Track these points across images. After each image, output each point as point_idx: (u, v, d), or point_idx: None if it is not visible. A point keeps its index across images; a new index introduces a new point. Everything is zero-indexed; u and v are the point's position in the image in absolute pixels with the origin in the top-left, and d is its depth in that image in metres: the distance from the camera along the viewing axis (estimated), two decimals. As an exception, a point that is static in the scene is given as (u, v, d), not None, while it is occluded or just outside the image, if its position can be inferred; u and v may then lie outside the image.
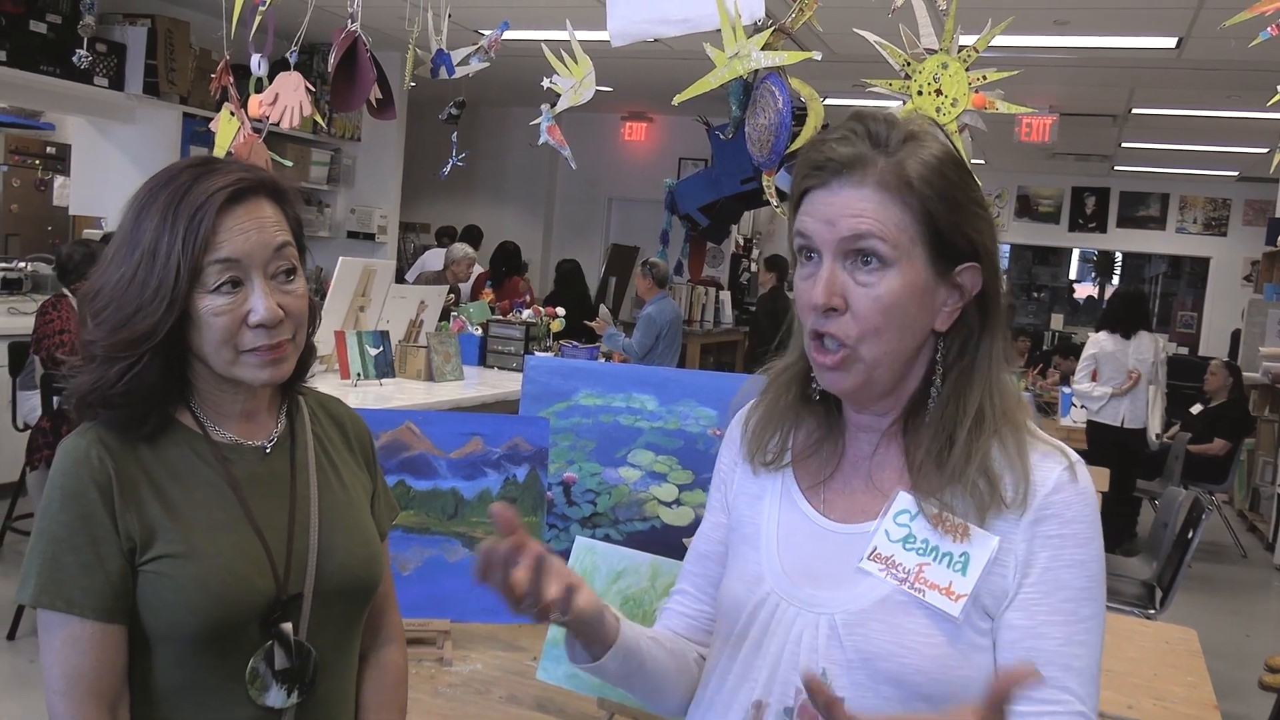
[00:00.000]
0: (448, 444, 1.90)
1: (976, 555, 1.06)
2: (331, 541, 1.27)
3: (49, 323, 4.20)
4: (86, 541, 1.14)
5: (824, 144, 1.10)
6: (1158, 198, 11.67)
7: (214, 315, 1.17)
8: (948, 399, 1.10)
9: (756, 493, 1.22)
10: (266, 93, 2.93)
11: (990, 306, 1.12)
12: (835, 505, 1.16)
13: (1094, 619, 1.06)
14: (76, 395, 1.19)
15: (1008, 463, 1.07)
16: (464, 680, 1.73)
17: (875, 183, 1.07)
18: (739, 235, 10.37)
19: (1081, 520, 1.07)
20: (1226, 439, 7.16)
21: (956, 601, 1.05)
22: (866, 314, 1.07)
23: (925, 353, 1.12)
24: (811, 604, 1.11)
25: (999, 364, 1.12)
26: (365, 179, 8.39)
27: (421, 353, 4.86)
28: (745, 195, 5.14)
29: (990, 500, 1.06)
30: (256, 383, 1.21)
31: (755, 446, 1.22)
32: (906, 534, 1.09)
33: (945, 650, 1.05)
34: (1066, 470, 1.08)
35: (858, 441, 1.17)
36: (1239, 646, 5.15)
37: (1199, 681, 2.00)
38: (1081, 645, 1.05)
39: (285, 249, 1.21)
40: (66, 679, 1.14)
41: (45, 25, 5.86)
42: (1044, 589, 1.05)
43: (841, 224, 1.07)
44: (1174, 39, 5.82)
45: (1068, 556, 1.06)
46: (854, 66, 2.79)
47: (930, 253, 1.08)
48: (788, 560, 1.15)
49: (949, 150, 1.11)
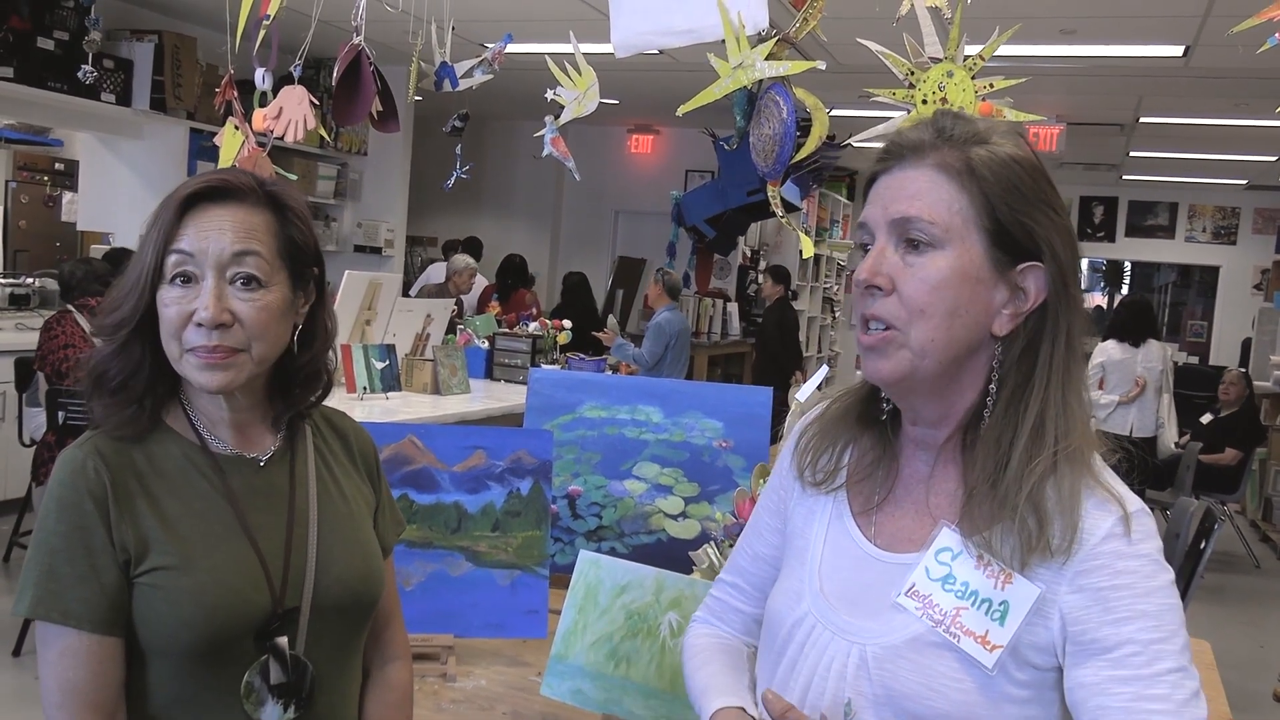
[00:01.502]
0: (451, 457, 1.89)
1: (1016, 605, 1.01)
2: (330, 555, 1.26)
3: (53, 338, 4.20)
4: (82, 553, 1.14)
5: (897, 134, 1.10)
6: (1166, 207, 11.65)
7: (165, 306, 1.18)
8: (1004, 411, 1.05)
9: (811, 507, 1.19)
10: (271, 107, 2.93)
11: (1057, 316, 1.05)
12: (884, 530, 1.12)
13: (1173, 673, 0.97)
14: (85, 373, 1.21)
15: (1060, 505, 1.01)
16: (467, 696, 1.72)
17: (934, 164, 1.05)
18: (746, 247, 10.35)
19: (1135, 572, 0.99)
20: (1238, 448, 7.12)
21: (992, 652, 1.01)
22: (913, 294, 1.03)
23: (982, 359, 1.07)
24: (846, 631, 1.08)
25: (1067, 382, 1.05)
26: (372, 193, 8.41)
27: (428, 366, 4.86)
28: (752, 207, 5.13)
29: (1036, 543, 1.00)
30: (196, 384, 1.20)
31: (805, 463, 1.19)
32: (947, 573, 1.05)
33: (975, 698, 1.01)
34: (1120, 522, 1.01)
35: (914, 461, 1.13)
36: (1253, 658, 5.10)
37: (1213, 694, 1.98)
38: (1159, 700, 0.96)
39: (248, 257, 1.19)
40: (63, 692, 1.14)
41: (53, 42, 5.88)
42: (1104, 645, 0.99)
43: (893, 205, 1.06)
44: (1181, 47, 5.80)
45: (1124, 609, 0.99)
46: (859, 76, 2.78)
47: (987, 241, 1.04)
48: (829, 583, 1.12)
49: (1025, 153, 1.08)
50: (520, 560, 1.89)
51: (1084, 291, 6.39)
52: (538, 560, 1.90)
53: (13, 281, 6.26)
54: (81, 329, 4.15)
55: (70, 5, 5.97)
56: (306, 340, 1.29)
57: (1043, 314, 1.05)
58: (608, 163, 10.62)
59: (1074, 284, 1.06)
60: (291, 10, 2.78)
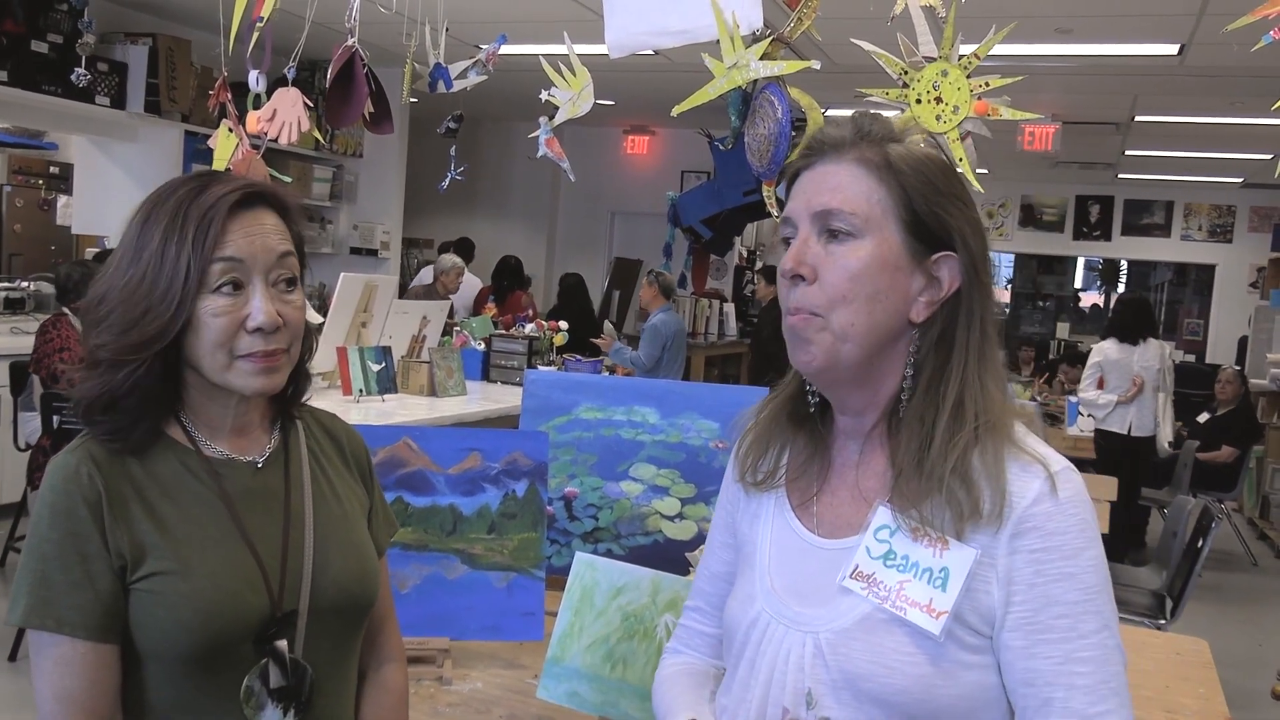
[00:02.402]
0: (446, 459, 1.89)
1: (955, 569, 1.04)
2: (326, 557, 1.26)
3: (48, 341, 4.19)
4: (76, 560, 1.13)
5: (819, 132, 1.15)
6: (1162, 205, 11.65)
7: (213, 316, 1.16)
8: (924, 391, 1.09)
9: (755, 511, 1.22)
10: (265, 109, 2.92)
11: (971, 303, 1.10)
12: (824, 519, 1.15)
13: (1098, 633, 1.02)
14: (85, 401, 1.17)
15: (985, 473, 1.05)
16: (464, 699, 1.71)
17: (854, 159, 1.11)
18: (742, 247, 10.36)
19: (1066, 531, 1.03)
20: (1235, 446, 7.13)
21: (937, 619, 1.03)
22: (834, 281, 1.08)
23: (901, 346, 1.11)
24: (798, 622, 1.10)
25: (983, 363, 1.09)
26: (367, 195, 8.40)
27: (424, 368, 4.85)
28: (748, 207, 5.14)
29: (968, 511, 1.04)
30: (248, 391, 1.20)
31: (745, 466, 1.23)
32: (887, 550, 1.08)
33: (927, 670, 1.03)
34: (1046, 481, 1.04)
35: (845, 450, 1.17)
36: (1251, 656, 5.11)
37: (1211, 693, 1.98)
38: (1085, 662, 1.01)
39: (287, 258, 1.22)
40: (58, 700, 1.14)
41: (47, 45, 5.87)
42: (1033, 606, 1.02)
43: (816, 198, 1.11)
44: (1176, 46, 5.80)
45: (1053, 570, 1.02)
46: (853, 76, 2.78)
47: (905, 231, 1.09)
48: (778, 578, 1.15)
49: (936, 154, 1.14)
50: (516, 562, 1.89)
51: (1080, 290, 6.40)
52: (534, 562, 1.89)
53: (8, 285, 6.25)
54: (77, 331, 4.14)
55: (64, 8, 5.96)
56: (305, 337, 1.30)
57: (956, 301, 1.10)
58: (603, 164, 10.61)
59: (984, 272, 1.11)
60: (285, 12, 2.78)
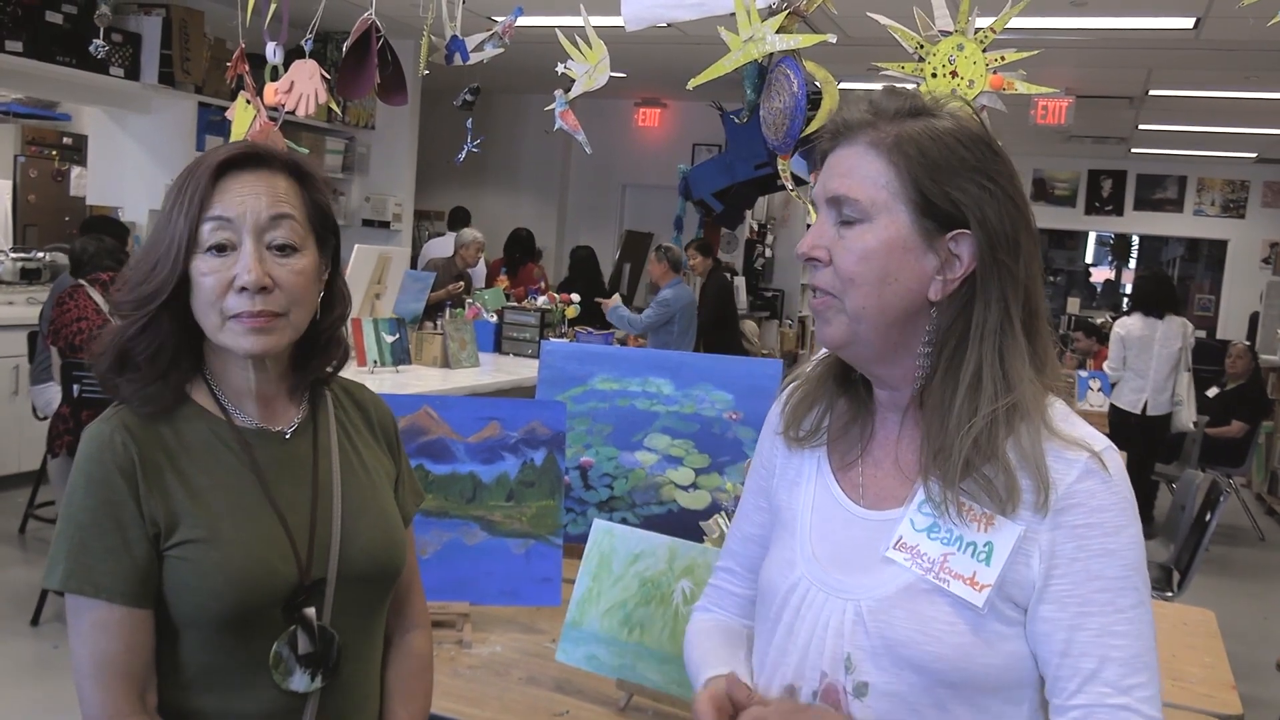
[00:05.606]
0: (465, 428, 1.92)
1: (1000, 545, 1.05)
2: (355, 526, 1.28)
3: (66, 312, 4.22)
4: (112, 526, 1.15)
5: (839, 114, 1.16)
6: (1175, 180, 11.59)
7: (203, 275, 1.19)
8: (944, 371, 1.10)
9: (794, 478, 1.23)
10: (282, 81, 2.94)
11: (988, 282, 1.09)
12: (868, 490, 1.17)
13: (1135, 608, 1.04)
14: (101, 355, 1.21)
15: (1023, 463, 1.05)
16: (483, 662, 1.75)
17: (866, 142, 1.11)
18: (753, 221, 10.34)
19: (1110, 509, 1.05)
20: (1244, 421, 7.13)
21: (980, 591, 1.05)
22: (844, 265, 1.10)
23: (921, 324, 1.11)
24: (840, 589, 1.12)
25: (1004, 343, 1.08)
26: (380, 167, 8.40)
27: (437, 339, 4.88)
28: (760, 180, 5.14)
29: (1006, 497, 1.05)
30: (240, 351, 1.21)
31: (790, 420, 1.24)
32: (931, 523, 1.09)
33: (969, 639, 1.05)
34: (1091, 459, 1.06)
35: (887, 422, 1.18)
36: (1257, 628, 5.14)
37: (1216, 662, 2.00)
38: (1122, 636, 1.03)
39: (285, 220, 1.22)
40: (95, 663, 1.15)
41: (61, 15, 5.88)
42: (1074, 580, 1.04)
43: (829, 183, 1.13)
44: (1192, 19, 5.77)
45: (1097, 546, 1.04)
46: (869, 50, 2.78)
47: (915, 212, 1.09)
48: (820, 546, 1.16)
49: (965, 124, 1.11)
50: (534, 529, 1.92)
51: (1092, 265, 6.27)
52: (551, 529, 1.92)
53: (24, 255, 6.28)
54: (94, 303, 4.17)
55: (78, -21, 5.97)
56: (326, 308, 1.31)
57: (973, 279, 1.10)
58: (615, 136, 10.58)
59: (1004, 250, 1.08)
60: (302, -16, 2.79)
